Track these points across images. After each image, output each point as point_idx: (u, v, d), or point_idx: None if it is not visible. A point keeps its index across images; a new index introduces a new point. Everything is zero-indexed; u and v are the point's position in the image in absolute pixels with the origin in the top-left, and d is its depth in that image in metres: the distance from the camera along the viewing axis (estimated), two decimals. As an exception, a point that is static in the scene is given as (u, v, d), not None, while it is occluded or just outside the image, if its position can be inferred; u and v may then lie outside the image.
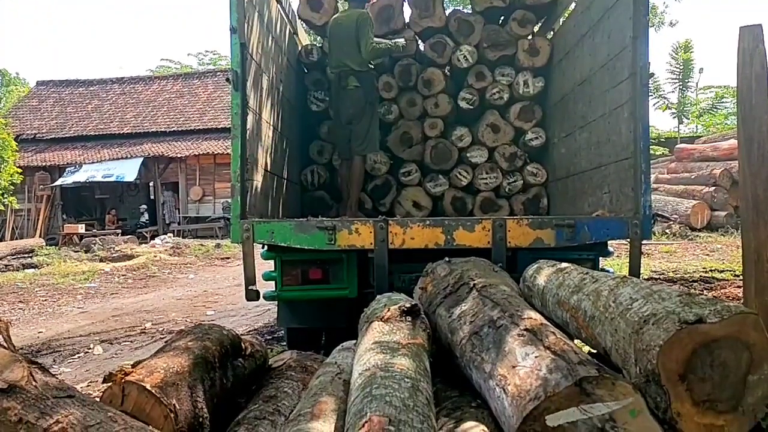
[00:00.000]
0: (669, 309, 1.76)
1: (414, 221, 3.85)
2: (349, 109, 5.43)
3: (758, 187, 2.44)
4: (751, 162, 2.45)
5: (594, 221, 3.84)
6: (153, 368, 2.09)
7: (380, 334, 2.27)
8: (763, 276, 2.44)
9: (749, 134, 2.45)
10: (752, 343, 1.62)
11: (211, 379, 2.34)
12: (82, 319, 7.62)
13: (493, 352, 2.10)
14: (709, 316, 1.64)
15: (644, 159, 3.67)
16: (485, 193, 5.91)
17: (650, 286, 1.99)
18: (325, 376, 2.44)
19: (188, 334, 2.55)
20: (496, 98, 5.91)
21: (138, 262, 12.88)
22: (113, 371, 2.04)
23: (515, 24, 5.79)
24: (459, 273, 2.95)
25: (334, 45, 5.50)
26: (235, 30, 3.75)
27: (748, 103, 2.46)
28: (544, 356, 1.87)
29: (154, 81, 27.46)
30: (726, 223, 13.68)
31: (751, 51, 2.45)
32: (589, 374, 1.70)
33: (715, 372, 1.62)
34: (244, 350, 2.77)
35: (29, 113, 25.45)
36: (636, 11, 3.71)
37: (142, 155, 21.99)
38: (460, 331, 2.42)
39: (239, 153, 3.75)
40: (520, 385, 1.83)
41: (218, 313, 7.85)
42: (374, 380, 1.88)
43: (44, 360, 5.71)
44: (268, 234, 3.82)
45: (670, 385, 1.63)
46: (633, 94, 3.73)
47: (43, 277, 11.33)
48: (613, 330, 1.96)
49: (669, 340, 1.63)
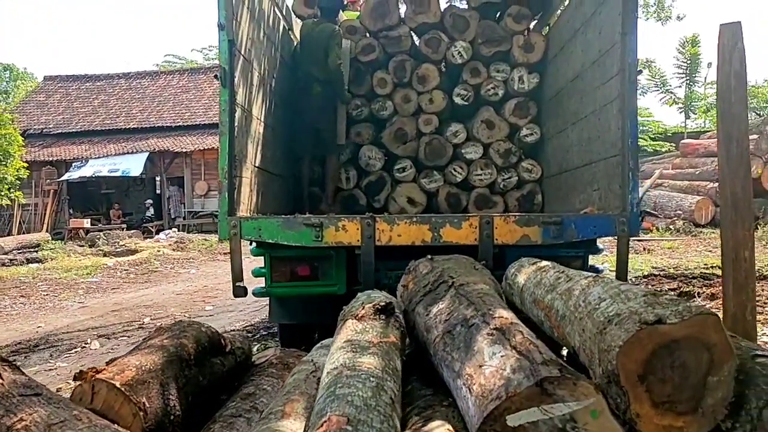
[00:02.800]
0: (632, 309, 1.75)
1: (401, 218, 3.85)
2: (314, 113, 5.61)
3: (737, 185, 2.42)
4: (729, 160, 2.43)
5: (581, 218, 3.83)
6: (124, 366, 2.10)
7: (353, 333, 2.28)
8: (740, 275, 2.43)
9: (728, 132, 2.43)
10: (712, 344, 1.61)
11: (186, 377, 2.35)
12: (81, 314, 7.67)
13: (463, 351, 2.10)
14: (669, 317, 1.63)
15: (632, 156, 3.66)
16: (480, 189, 5.90)
17: (619, 286, 1.98)
18: (300, 374, 2.45)
19: (166, 331, 2.56)
20: (491, 94, 5.90)
21: (141, 257, 12.94)
22: (84, 369, 2.05)
23: (510, 19, 5.77)
24: (440, 271, 2.95)
25: (303, 52, 5.69)
26: (223, 27, 3.75)
27: (727, 101, 2.44)
28: (510, 356, 1.86)
29: (160, 76, 27.52)
30: (730, 219, 13.57)
31: (730, 49, 2.43)
32: (551, 374, 1.70)
33: (675, 373, 1.61)
34: (224, 347, 2.77)
35: (36, 108, 25.57)
36: (625, 7, 3.69)
37: (148, 150, 22.05)
38: (435, 329, 2.41)
39: (227, 150, 3.75)
40: (485, 385, 1.83)
41: (217, 308, 7.88)
42: (339, 379, 1.88)
43: (41, 355, 5.76)
44: (255, 231, 3.82)
45: (629, 386, 1.62)
46: (621, 90, 3.71)
47: (47, 271, 11.41)
48: (581, 330, 1.95)
49: (628, 340, 1.62)
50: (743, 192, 2.41)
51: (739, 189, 2.42)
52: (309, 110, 5.62)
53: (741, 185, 2.41)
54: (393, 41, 5.90)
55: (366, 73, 5.97)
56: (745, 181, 2.42)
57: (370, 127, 6.03)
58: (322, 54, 5.50)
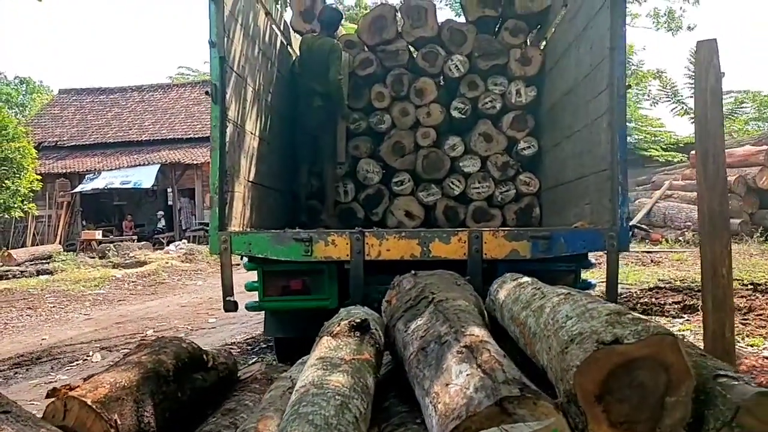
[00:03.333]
0: (594, 328, 1.75)
1: (390, 233, 3.87)
2: (314, 124, 5.67)
3: (713, 201, 2.41)
4: (707, 176, 2.42)
5: (570, 233, 3.82)
6: (98, 383, 2.13)
7: (327, 350, 2.29)
8: (719, 291, 2.41)
9: (705, 148, 2.43)
10: (670, 364, 1.60)
11: (164, 393, 2.37)
12: (86, 326, 7.73)
13: (434, 369, 2.10)
14: (627, 337, 1.63)
15: (621, 170, 3.65)
16: (478, 202, 5.90)
17: (587, 304, 1.98)
18: (277, 390, 2.47)
19: (145, 347, 2.59)
20: (489, 107, 5.91)
21: (149, 269, 13.03)
22: (57, 386, 2.07)
23: (507, 33, 5.79)
24: (422, 286, 2.95)
25: (304, 65, 5.75)
26: (214, 44, 3.80)
27: (704, 118, 2.44)
28: (475, 374, 1.87)
29: (173, 88, 27.80)
30: (740, 230, 13.43)
31: (706, 65, 2.43)
32: (511, 393, 1.70)
33: (633, 393, 1.61)
34: (206, 363, 2.79)
35: (51, 121, 25.91)
36: (613, 22, 3.70)
37: (159, 162, 22.24)
38: (411, 346, 2.42)
39: (218, 165, 3.80)
40: (449, 404, 1.83)
41: (220, 320, 7.90)
42: (305, 397, 1.89)
43: (43, 367, 5.82)
44: (245, 245, 3.86)
45: (586, 406, 1.62)
46: (610, 104, 3.71)
47: (56, 283, 11.51)
48: (548, 348, 1.95)
49: (585, 360, 1.62)
50: (720, 208, 2.40)
51: (716, 205, 2.41)
52: (309, 123, 5.69)
53: (718, 201, 2.40)
54: (390, 55, 5.94)
55: (364, 87, 6.01)
56: (722, 197, 2.41)
57: (368, 141, 6.07)
58: (322, 68, 5.55)
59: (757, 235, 12.92)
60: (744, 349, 5.06)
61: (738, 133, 24.50)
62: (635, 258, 12.27)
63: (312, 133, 5.72)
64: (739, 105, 27.21)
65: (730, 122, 26.67)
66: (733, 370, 1.84)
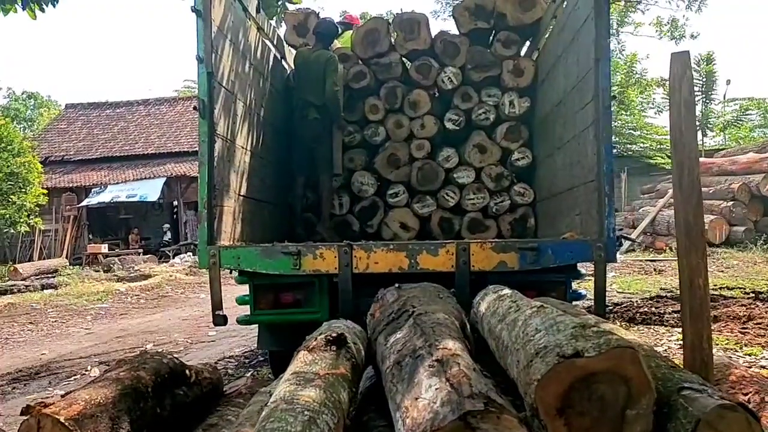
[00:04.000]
0: (557, 342, 1.75)
1: (378, 245, 3.88)
2: (310, 136, 5.68)
3: (689, 213, 2.41)
4: (682, 188, 2.42)
5: (558, 244, 3.83)
6: (73, 400, 2.14)
7: (302, 364, 2.30)
8: (696, 302, 2.41)
9: (680, 160, 2.43)
10: (630, 378, 1.60)
11: (142, 410, 2.38)
12: (86, 341, 7.76)
13: (406, 383, 2.11)
14: (588, 350, 1.63)
15: (607, 181, 3.66)
16: (472, 213, 5.91)
17: (556, 317, 1.98)
18: (255, 405, 2.47)
19: (125, 363, 2.60)
20: (483, 119, 5.93)
21: (153, 282, 13.08)
22: (31, 404, 2.09)
23: (499, 45, 5.82)
24: (404, 299, 2.96)
25: (300, 78, 5.76)
26: (202, 60, 3.84)
27: (678, 129, 2.44)
28: (443, 388, 1.87)
29: (179, 102, 28.00)
30: (745, 238, 13.37)
31: (680, 77, 2.44)
32: (475, 408, 1.70)
33: (594, 406, 1.61)
34: (189, 378, 2.81)
35: (58, 136, 26.13)
36: (598, 34, 3.72)
37: (165, 175, 22.37)
38: (388, 360, 2.43)
39: (206, 180, 3.82)
40: (416, 418, 1.83)
41: (220, 333, 7.89)
42: (274, 413, 1.90)
43: (41, 382, 5.84)
44: (234, 260, 3.88)
45: (548, 420, 1.62)
46: (596, 116, 3.72)
47: (59, 297, 11.58)
48: (517, 361, 1.96)
49: (547, 374, 1.62)
50: (695, 220, 2.40)
51: (691, 217, 2.40)
52: (305, 135, 5.72)
53: (693, 213, 2.40)
54: (384, 68, 5.98)
55: (358, 100, 6.05)
56: (697, 208, 2.41)
57: (362, 153, 6.10)
58: (318, 81, 5.58)
59: (760, 243, 12.84)
60: (741, 358, 5.04)
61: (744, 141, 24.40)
62: (639, 267, 12.23)
63: (308, 145, 5.74)
64: (744, 112, 27.12)
65: (735, 129, 26.60)
66: (700, 382, 1.84)
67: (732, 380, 3.05)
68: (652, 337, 5.97)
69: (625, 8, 23.94)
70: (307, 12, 6.26)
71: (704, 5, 18.35)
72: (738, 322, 6.33)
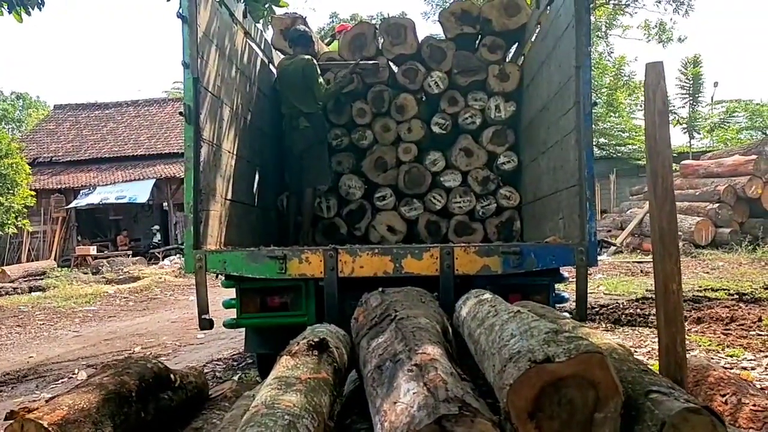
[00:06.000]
0: (530, 347, 1.80)
1: (363, 249, 3.91)
2: (300, 146, 5.67)
3: (663, 220, 2.46)
4: (656, 195, 2.48)
5: (540, 248, 3.88)
6: (57, 405, 2.17)
7: (284, 369, 2.33)
8: (670, 307, 2.47)
9: (654, 168, 2.49)
10: (598, 382, 1.65)
11: (125, 414, 2.41)
12: (74, 343, 7.76)
13: (386, 387, 2.15)
14: (559, 355, 1.68)
15: (589, 186, 3.72)
16: (459, 216, 5.95)
17: (531, 322, 2.03)
18: (238, 409, 2.51)
19: (109, 368, 2.63)
20: (469, 123, 5.98)
21: (142, 284, 13.06)
22: (15, 409, 2.12)
23: (485, 50, 5.87)
24: (387, 304, 3.00)
25: (284, 89, 5.76)
26: (188, 65, 3.87)
27: (653, 138, 2.49)
28: (420, 392, 1.91)
29: (168, 103, 27.94)
30: (730, 239, 13.52)
31: (654, 87, 2.50)
32: (449, 412, 1.75)
33: (563, 410, 1.66)
34: (173, 382, 2.84)
35: (46, 137, 26.02)
36: (578, 41, 3.78)
37: (155, 177, 22.33)
38: (369, 364, 2.47)
39: (192, 184, 3.85)
40: (394, 422, 1.87)
41: (209, 335, 7.90)
42: (254, 417, 1.94)
43: (28, 385, 5.84)
44: (220, 264, 3.91)
45: (519, 423, 1.66)
46: (577, 122, 3.78)
47: (47, 300, 11.54)
48: (493, 366, 2.00)
49: (518, 378, 1.67)
50: (669, 227, 2.46)
51: (665, 224, 2.46)
52: (295, 145, 5.70)
53: (667, 220, 2.46)
54: (371, 72, 6.02)
55: (345, 104, 6.08)
56: (671, 216, 2.46)
57: (350, 156, 6.13)
58: (302, 89, 5.59)
59: (745, 244, 12.99)
60: (723, 360, 5.11)
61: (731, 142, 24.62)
62: (625, 268, 12.34)
63: (298, 155, 5.72)
64: (730, 114, 27.36)
65: (722, 131, 26.83)
66: (668, 385, 1.89)
67: (710, 382, 3.12)
68: (636, 339, 6.03)
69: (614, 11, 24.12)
70: (294, 16, 6.29)
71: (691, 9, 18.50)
72: (721, 324, 6.41)
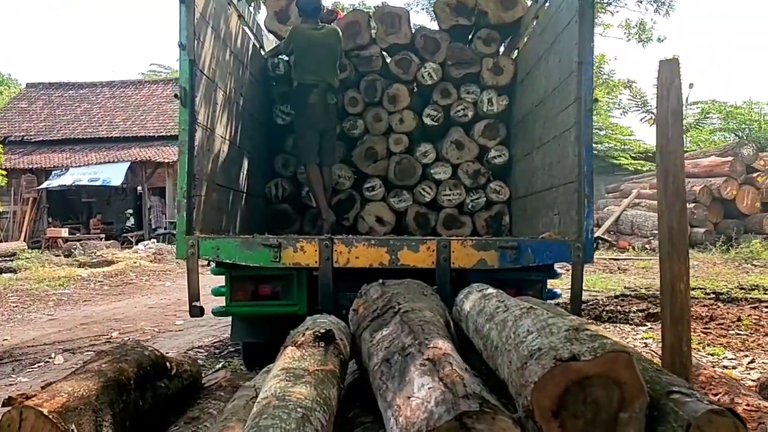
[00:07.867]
0: (552, 344, 1.78)
1: (359, 240, 3.87)
2: (327, 123, 5.54)
3: (672, 219, 2.46)
4: (667, 194, 2.48)
5: (537, 243, 3.88)
6: (56, 392, 2.10)
7: (290, 360, 2.29)
8: (676, 307, 2.47)
9: (665, 167, 2.48)
10: (623, 382, 1.64)
11: (124, 402, 2.35)
12: (49, 327, 7.58)
13: (397, 381, 2.12)
14: (584, 354, 1.67)
15: (587, 182, 3.71)
16: (448, 209, 5.94)
17: (547, 319, 2.01)
18: (240, 400, 2.46)
19: (106, 355, 2.55)
20: (461, 115, 5.96)
21: (116, 268, 12.84)
22: (13, 395, 2.04)
23: (480, 42, 5.85)
24: (389, 296, 2.97)
25: (307, 58, 5.40)
26: (184, 47, 3.77)
27: (665, 137, 2.49)
28: (436, 388, 1.89)
29: (144, 85, 27.44)
30: (705, 239, 13.76)
31: (668, 85, 2.49)
32: (470, 408, 1.72)
33: (588, 409, 1.64)
34: (169, 370, 2.77)
35: (18, 115, 25.37)
36: (581, 37, 3.76)
37: (130, 159, 21.94)
38: (376, 356, 2.43)
39: (186, 169, 3.76)
40: (410, 417, 1.85)
41: (188, 322, 7.79)
42: (266, 410, 1.89)
43: (4, 369, 5.68)
44: (213, 250, 3.84)
45: (543, 422, 1.65)
46: (578, 118, 3.77)
47: (19, 282, 11.28)
48: (509, 362, 1.98)
49: (543, 377, 1.65)
50: (679, 226, 2.46)
51: (675, 223, 2.46)
52: (321, 121, 5.50)
53: (677, 220, 2.46)
54: (364, 61, 5.95)
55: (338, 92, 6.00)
56: (681, 215, 2.47)
57: (340, 146, 6.06)
58: (334, 60, 5.43)
59: (719, 244, 13.22)
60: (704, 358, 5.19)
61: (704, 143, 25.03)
62: (603, 265, 12.47)
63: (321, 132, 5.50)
64: (705, 115, 27.80)
65: (696, 132, 27.26)
66: (687, 386, 1.89)
67: (702, 381, 3.15)
68: (618, 336, 6.10)
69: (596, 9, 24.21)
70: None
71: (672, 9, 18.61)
72: (701, 322, 6.50)
